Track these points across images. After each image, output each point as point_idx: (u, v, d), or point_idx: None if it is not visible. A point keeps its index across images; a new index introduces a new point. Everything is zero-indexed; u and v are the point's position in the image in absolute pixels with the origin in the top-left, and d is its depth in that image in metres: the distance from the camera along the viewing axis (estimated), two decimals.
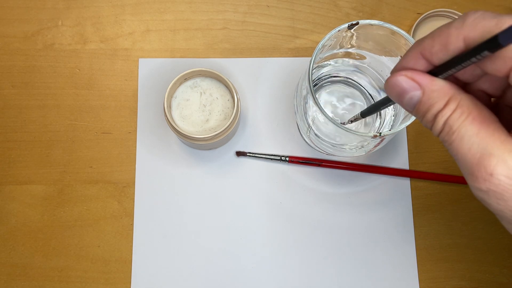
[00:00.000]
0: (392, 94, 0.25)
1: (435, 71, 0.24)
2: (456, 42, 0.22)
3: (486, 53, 0.20)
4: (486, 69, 0.22)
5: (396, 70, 0.25)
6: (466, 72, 0.25)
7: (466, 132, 0.22)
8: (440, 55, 0.23)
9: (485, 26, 0.21)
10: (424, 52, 0.24)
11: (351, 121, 0.39)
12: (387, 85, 0.25)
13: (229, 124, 0.40)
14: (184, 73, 0.40)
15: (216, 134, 0.39)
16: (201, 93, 0.41)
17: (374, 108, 0.34)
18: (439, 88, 0.24)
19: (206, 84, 0.42)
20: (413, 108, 0.25)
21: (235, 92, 0.40)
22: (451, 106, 0.23)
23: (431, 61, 0.24)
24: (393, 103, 0.29)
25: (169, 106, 0.41)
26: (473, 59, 0.21)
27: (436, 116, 0.23)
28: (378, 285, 0.44)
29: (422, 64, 0.24)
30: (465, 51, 0.22)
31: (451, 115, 0.23)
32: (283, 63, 0.47)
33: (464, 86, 0.25)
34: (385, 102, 0.30)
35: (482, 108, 0.23)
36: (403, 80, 0.24)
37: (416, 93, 0.24)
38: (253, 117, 0.46)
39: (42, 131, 0.45)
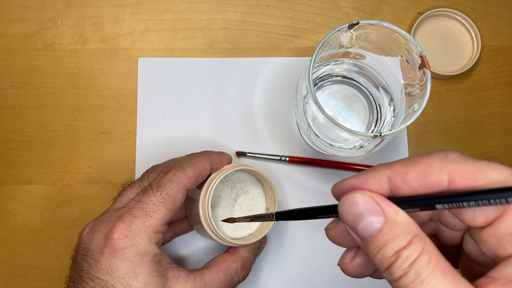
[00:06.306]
0: (346, 212, 0.22)
1: (399, 202, 0.21)
2: (438, 173, 0.20)
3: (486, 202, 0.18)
4: (471, 222, 0.20)
5: (350, 186, 0.22)
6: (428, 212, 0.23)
7: (438, 285, 0.19)
8: (414, 184, 0.21)
9: (472, 167, 0.20)
10: (394, 177, 0.21)
11: (250, 219, 0.31)
12: (343, 203, 0.22)
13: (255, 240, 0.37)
14: (228, 172, 0.36)
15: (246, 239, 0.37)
16: (231, 187, 0.39)
17: (298, 215, 0.28)
18: (403, 221, 0.20)
19: (237, 178, 0.39)
20: (368, 235, 0.21)
21: (275, 199, 0.37)
22: (417, 248, 0.20)
23: (397, 190, 0.21)
24: (331, 217, 0.25)
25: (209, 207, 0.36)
26: (462, 204, 0.19)
27: (398, 253, 0.20)
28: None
29: (383, 190, 0.21)
30: (453, 193, 0.20)
31: (417, 258, 0.19)
32: (283, 63, 0.47)
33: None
34: (321, 213, 0.25)
35: (442, 256, 0.20)
36: (365, 200, 0.21)
37: (378, 219, 0.21)
38: (253, 117, 0.46)
39: (42, 131, 0.45)
